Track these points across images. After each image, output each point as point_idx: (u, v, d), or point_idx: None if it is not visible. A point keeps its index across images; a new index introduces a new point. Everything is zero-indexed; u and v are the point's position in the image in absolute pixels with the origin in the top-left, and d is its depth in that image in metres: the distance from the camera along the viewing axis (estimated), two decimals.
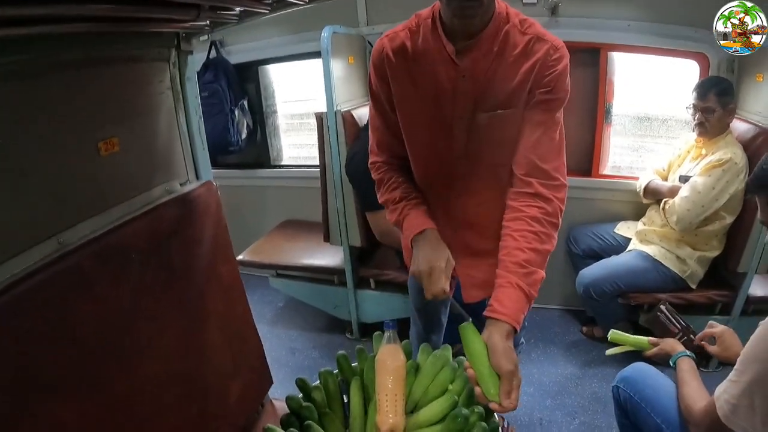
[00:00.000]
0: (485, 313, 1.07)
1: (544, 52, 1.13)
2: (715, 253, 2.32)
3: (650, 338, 1.57)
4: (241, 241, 2.61)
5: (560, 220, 1.18)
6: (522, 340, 1.71)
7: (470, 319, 1.08)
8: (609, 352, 1.65)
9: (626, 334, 1.63)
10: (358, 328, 2.72)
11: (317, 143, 2.51)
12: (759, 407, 1.00)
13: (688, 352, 1.43)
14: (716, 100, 2.14)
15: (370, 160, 1.39)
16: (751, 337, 1.03)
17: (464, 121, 1.20)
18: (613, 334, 1.64)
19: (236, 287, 1.67)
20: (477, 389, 1.00)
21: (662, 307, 1.61)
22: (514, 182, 1.20)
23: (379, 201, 1.38)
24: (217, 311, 1.52)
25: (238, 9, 1.21)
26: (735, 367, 1.06)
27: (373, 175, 1.39)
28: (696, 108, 2.22)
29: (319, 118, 2.42)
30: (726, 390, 1.07)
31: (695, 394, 1.27)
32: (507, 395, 0.97)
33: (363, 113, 2.41)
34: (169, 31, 1.36)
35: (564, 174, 1.20)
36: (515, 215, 1.16)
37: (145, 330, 1.24)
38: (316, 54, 2.31)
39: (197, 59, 1.56)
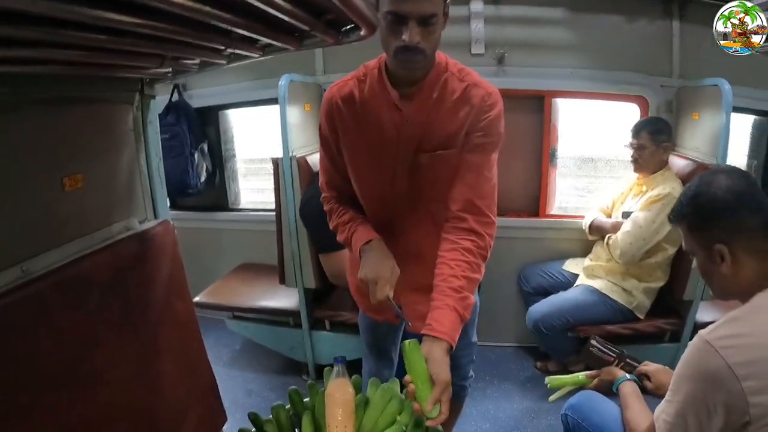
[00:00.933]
0: (423, 331, 1.21)
1: (480, 98, 1.31)
2: (660, 284, 2.53)
3: (586, 372, 1.70)
4: (199, 283, 2.70)
5: (489, 253, 1.35)
6: (471, 373, 1.84)
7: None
8: (552, 397, 1.78)
9: (563, 377, 1.76)
10: (314, 369, 2.80)
11: (273, 188, 2.68)
12: (691, 425, 1.06)
13: (628, 376, 1.55)
14: (648, 138, 2.45)
15: (322, 196, 1.55)
16: (681, 357, 1.12)
17: (407, 162, 1.36)
18: (550, 380, 1.76)
19: (191, 323, 1.77)
20: (414, 398, 1.13)
21: (592, 341, 1.72)
22: (450, 218, 1.36)
23: (330, 227, 1.52)
24: (171, 346, 1.63)
25: (198, 59, 1.40)
26: (669, 387, 1.15)
27: (324, 207, 1.54)
28: (631, 146, 2.51)
29: (275, 163, 2.58)
30: (663, 410, 1.16)
31: (638, 417, 1.38)
32: (434, 401, 1.10)
33: (317, 159, 2.55)
34: (134, 77, 1.53)
35: (494, 212, 1.37)
36: (451, 246, 1.32)
37: (101, 360, 1.35)
38: (275, 100, 2.48)
39: (160, 101, 1.72)
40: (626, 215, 2.52)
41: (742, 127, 2.99)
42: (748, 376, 0.96)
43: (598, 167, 3.17)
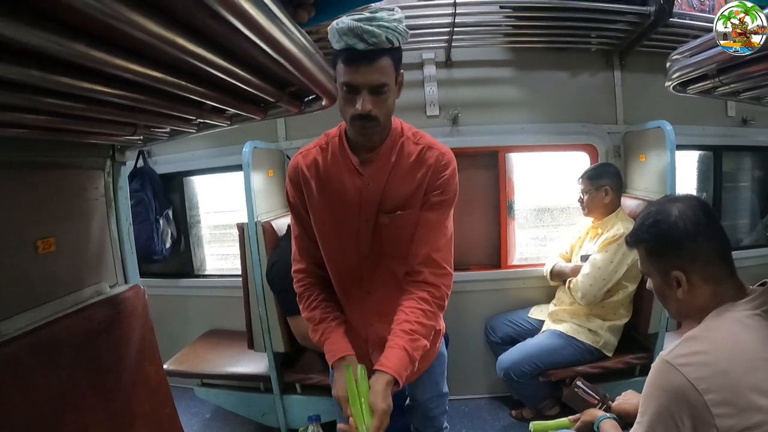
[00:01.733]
0: (375, 367, 1.32)
1: (435, 159, 1.45)
2: (624, 321, 2.66)
3: (570, 417, 1.76)
4: (166, 351, 2.67)
5: (446, 303, 1.47)
6: (446, 424, 1.89)
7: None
8: None
9: (546, 422, 1.84)
10: None
11: (239, 252, 2.76)
12: None
13: (608, 415, 1.61)
14: (587, 183, 2.69)
15: (293, 269, 1.62)
16: (646, 380, 1.18)
17: (369, 224, 1.44)
18: (534, 425, 1.82)
19: (162, 387, 1.81)
20: (351, 421, 1.24)
21: (578, 382, 1.79)
22: (409, 272, 1.48)
23: (302, 315, 1.59)
24: (143, 410, 1.66)
25: (169, 128, 1.52)
26: (638, 410, 1.19)
27: (295, 286, 1.61)
28: (578, 191, 2.75)
29: (241, 228, 2.69)
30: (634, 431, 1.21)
31: None
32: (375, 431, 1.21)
33: (282, 223, 2.71)
34: (105, 143, 1.63)
35: (451, 264, 1.50)
36: (408, 296, 1.44)
37: (72, 424, 1.37)
38: (239, 167, 2.61)
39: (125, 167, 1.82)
40: (585, 258, 2.67)
41: (690, 163, 3.32)
42: (709, 389, 1.00)
43: (555, 216, 3.37)
